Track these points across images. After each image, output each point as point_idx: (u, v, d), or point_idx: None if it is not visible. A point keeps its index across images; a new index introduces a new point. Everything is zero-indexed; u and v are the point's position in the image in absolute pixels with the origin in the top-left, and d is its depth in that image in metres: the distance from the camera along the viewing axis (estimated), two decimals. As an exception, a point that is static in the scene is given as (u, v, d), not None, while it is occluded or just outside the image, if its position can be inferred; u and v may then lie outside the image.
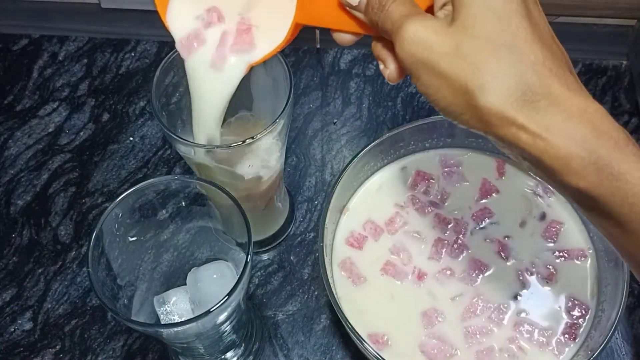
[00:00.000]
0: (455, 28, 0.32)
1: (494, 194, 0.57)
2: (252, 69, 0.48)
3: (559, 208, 0.56)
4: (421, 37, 0.32)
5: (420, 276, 0.54)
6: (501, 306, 0.52)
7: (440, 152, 0.59)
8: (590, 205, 0.31)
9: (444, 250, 0.54)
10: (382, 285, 0.54)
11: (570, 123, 0.30)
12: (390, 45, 0.36)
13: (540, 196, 0.57)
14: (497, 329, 0.51)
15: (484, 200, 0.56)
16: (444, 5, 0.34)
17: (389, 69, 0.37)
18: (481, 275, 0.53)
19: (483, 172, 0.58)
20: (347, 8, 0.38)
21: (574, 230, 0.55)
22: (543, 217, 0.56)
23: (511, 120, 0.31)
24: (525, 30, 0.31)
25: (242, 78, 0.44)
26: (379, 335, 0.51)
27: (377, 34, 0.37)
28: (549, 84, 0.31)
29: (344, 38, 0.40)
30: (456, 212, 0.56)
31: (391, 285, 0.54)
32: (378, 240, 0.56)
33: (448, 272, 0.54)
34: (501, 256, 0.54)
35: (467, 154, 0.59)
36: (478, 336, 0.51)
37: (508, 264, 0.54)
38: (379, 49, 0.37)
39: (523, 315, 0.52)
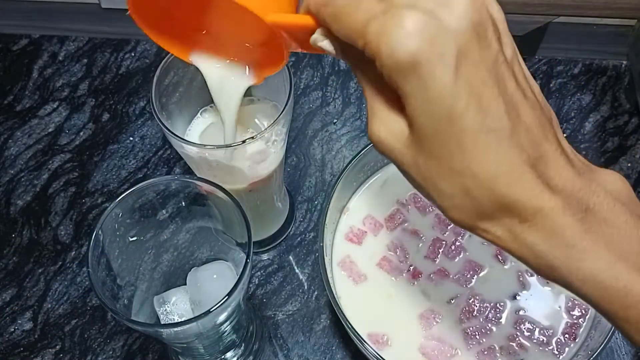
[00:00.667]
0: (412, 140, 0.30)
1: None
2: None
3: None
4: (387, 144, 0.31)
5: (415, 275, 0.54)
6: (497, 304, 0.52)
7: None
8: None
9: (440, 251, 0.54)
10: (380, 282, 0.54)
11: (522, 228, 0.30)
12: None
13: None
14: (495, 328, 0.51)
15: None
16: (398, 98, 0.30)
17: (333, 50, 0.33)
18: (475, 276, 0.53)
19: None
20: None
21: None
22: None
23: (476, 227, 0.31)
24: (471, 134, 0.28)
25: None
26: (379, 335, 0.51)
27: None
28: (501, 198, 0.29)
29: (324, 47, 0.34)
30: None
31: (387, 281, 0.54)
32: (377, 235, 0.56)
33: (443, 273, 0.54)
34: (498, 259, 0.54)
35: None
36: (477, 336, 0.51)
37: (505, 267, 0.54)
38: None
39: (522, 312, 0.52)
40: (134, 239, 0.47)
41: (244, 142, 0.45)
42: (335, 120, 0.69)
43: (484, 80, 0.28)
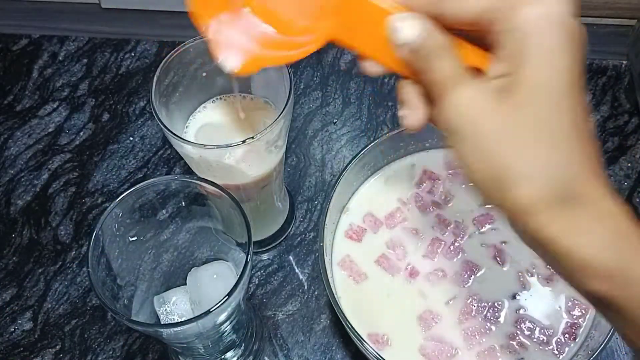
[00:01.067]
0: (509, 106, 0.30)
1: None
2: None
3: None
4: (473, 106, 0.31)
5: (413, 274, 0.54)
6: (495, 304, 0.52)
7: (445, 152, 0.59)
8: (605, 306, 0.31)
9: (439, 250, 0.54)
10: (379, 281, 0.54)
11: (597, 226, 0.30)
12: (423, 92, 0.34)
13: None
14: (495, 328, 0.51)
15: (488, 205, 0.56)
16: (502, 76, 0.31)
17: (412, 117, 0.34)
18: (473, 277, 0.53)
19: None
20: (392, 44, 0.34)
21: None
22: None
23: (540, 214, 0.30)
24: (576, 127, 0.31)
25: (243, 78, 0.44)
26: (379, 335, 0.51)
27: (412, 76, 0.34)
28: (584, 184, 0.30)
29: (373, 69, 0.36)
30: (458, 214, 0.56)
31: (386, 280, 0.54)
32: (377, 233, 0.56)
33: (440, 274, 0.53)
34: (497, 261, 0.54)
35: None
36: (477, 336, 0.51)
37: (504, 269, 0.54)
38: (408, 93, 0.35)
39: (522, 312, 0.52)
40: (134, 239, 0.47)
41: (244, 142, 0.45)
42: (335, 120, 0.69)
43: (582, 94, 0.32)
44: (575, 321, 0.51)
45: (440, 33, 0.33)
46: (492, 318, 0.51)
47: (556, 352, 0.50)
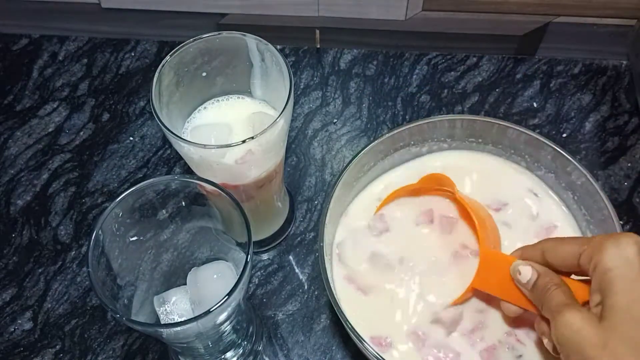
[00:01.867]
0: (604, 326, 0.38)
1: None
2: (251, 69, 0.48)
3: (554, 208, 0.56)
4: (576, 325, 0.39)
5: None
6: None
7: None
8: None
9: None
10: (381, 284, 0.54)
11: None
12: (549, 323, 0.42)
13: (536, 194, 0.57)
14: (494, 325, 0.51)
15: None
16: (597, 305, 0.39)
17: (551, 346, 0.43)
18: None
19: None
20: (517, 284, 0.45)
21: (567, 232, 0.55)
22: (535, 218, 0.56)
23: None
24: None
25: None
26: (381, 338, 0.51)
27: (538, 310, 0.44)
28: None
29: (510, 309, 0.47)
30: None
31: (386, 284, 0.54)
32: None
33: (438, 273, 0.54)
34: None
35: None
36: (478, 335, 0.51)
37: None
38: (542, 325, 0.44)
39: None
40: (134, 239, 0.47)
41: (244, 142, 0.45)
42: (335, 120, 0.69)
43: None
44: None
45: (552, 272, 0.44)
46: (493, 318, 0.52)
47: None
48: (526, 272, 0.44)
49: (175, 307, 0.50)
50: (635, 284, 0.38)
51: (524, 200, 0.57)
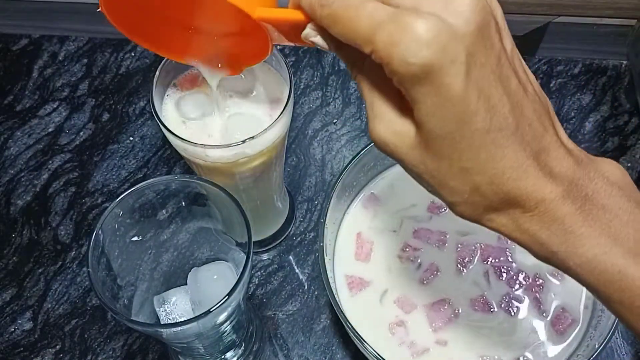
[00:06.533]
0: (419, 142, 0.30)
1: None
2: (252, 68, 0.48)
3: None
4: (390, 144, 0.31)
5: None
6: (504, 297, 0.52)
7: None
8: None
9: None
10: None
11: (525, 218, 0.31)
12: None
13: None
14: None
15: None
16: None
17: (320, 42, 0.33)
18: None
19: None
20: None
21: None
22: None
23: (482, 219, 0.32)
24: (480, 134, 0.29)
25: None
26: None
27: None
28: (507, 192, 0.30)
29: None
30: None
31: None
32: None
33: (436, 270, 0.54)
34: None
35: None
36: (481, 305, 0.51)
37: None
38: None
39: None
40: (134, 239, 0.47)
41: (244, 142, 0.45)
42: (335, 120, 0.69)
43: (490, 81, 0.29)
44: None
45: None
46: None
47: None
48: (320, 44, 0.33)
49: (175, 307, 0.50)
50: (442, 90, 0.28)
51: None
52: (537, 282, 0.53)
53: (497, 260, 0.54)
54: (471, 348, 0.51)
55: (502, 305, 0.52)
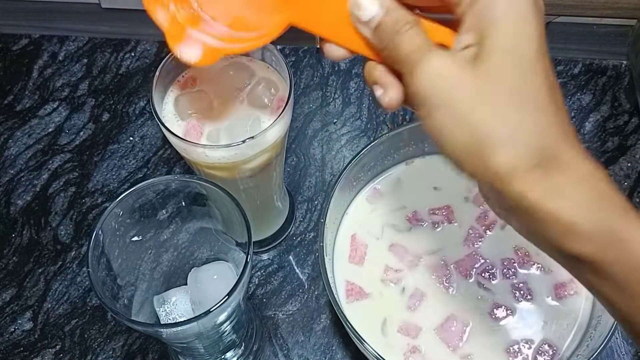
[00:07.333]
0: (480, 73, 0.30)
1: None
2: (252, 68, 0.48)
3: None
4: (444, 74, 0.31)
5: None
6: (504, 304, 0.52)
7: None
8: (589, 270, 0.31)
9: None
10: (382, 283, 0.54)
11: (578, 188, 0.30)
12: (393, 71, 0.34)
13: None
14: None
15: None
16: (467, 47, 0.32)
17: (389, 97, 0.34)
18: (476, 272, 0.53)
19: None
20: (354, 22, 0.34)
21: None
22: None
23: (521, 179, 0.30)
24: (547, 89, 0.31)
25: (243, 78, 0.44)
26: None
27: (377, 57, 0.35)
28: (562, 147, 0.31)
29: (336, 53, 0.36)
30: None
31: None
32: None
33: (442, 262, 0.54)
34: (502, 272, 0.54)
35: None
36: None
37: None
38: (378, 73, 0.35)
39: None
40: (134, 239, 0.47)
41: (244, 142, 0.45)
42: (335, 120, 0.69)
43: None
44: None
45: (402, 8, 0.33)
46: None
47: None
48: (370, 7, 0.33)
49: (175, 307, 0.50)
50: (526, 23, 0.31)
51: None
52: (523, 255, 0.54)
53: (477, 268, 0.54)
54: (496, 348, 0.51)
55: (516, 295, 0.52)
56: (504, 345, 0.51)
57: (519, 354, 0.50)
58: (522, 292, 0.52)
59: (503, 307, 0.52)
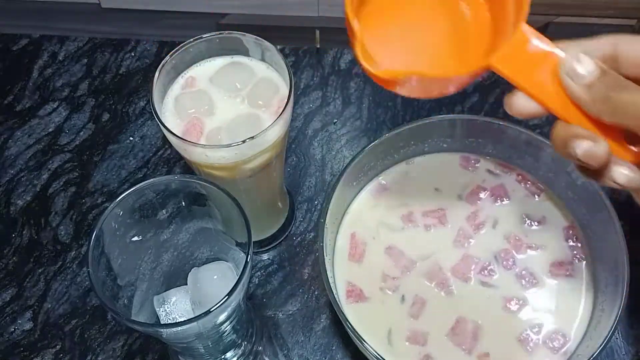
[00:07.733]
0: None
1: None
2: (251, 68, 0.48)
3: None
4: None
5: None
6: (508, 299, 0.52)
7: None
8: None
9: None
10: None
11: None
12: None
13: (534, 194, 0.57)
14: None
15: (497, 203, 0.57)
16: None
17: (600, 148, 0.32)
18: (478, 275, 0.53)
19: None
20: (563, 76, 0.32)
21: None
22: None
23: None
24: None
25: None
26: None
27: (572, 118, 0.33)
28: None
29: (526, 108, 0.34)
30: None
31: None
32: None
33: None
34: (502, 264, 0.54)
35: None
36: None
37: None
38: (576, 128, 0.32)
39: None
40: (134, 239, 0.47)
41: (244, 142, 0.45)
42: (335, 120, 0.69)
43: None
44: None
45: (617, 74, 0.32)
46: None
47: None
48: (587, 63, 0.32)
49: (175, 307, 0.50)
50: None
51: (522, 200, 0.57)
52: (515, 240, 0.54)
53: (474, 269, 0.54)
54: (509, 340, 0.51)
55: (523, 283, 0.53)
56: (516, 334, 0.51)
57: (530, 341, 0.50)
58: (526, 279, 0.53)
59: (514, 299, 0.52)
